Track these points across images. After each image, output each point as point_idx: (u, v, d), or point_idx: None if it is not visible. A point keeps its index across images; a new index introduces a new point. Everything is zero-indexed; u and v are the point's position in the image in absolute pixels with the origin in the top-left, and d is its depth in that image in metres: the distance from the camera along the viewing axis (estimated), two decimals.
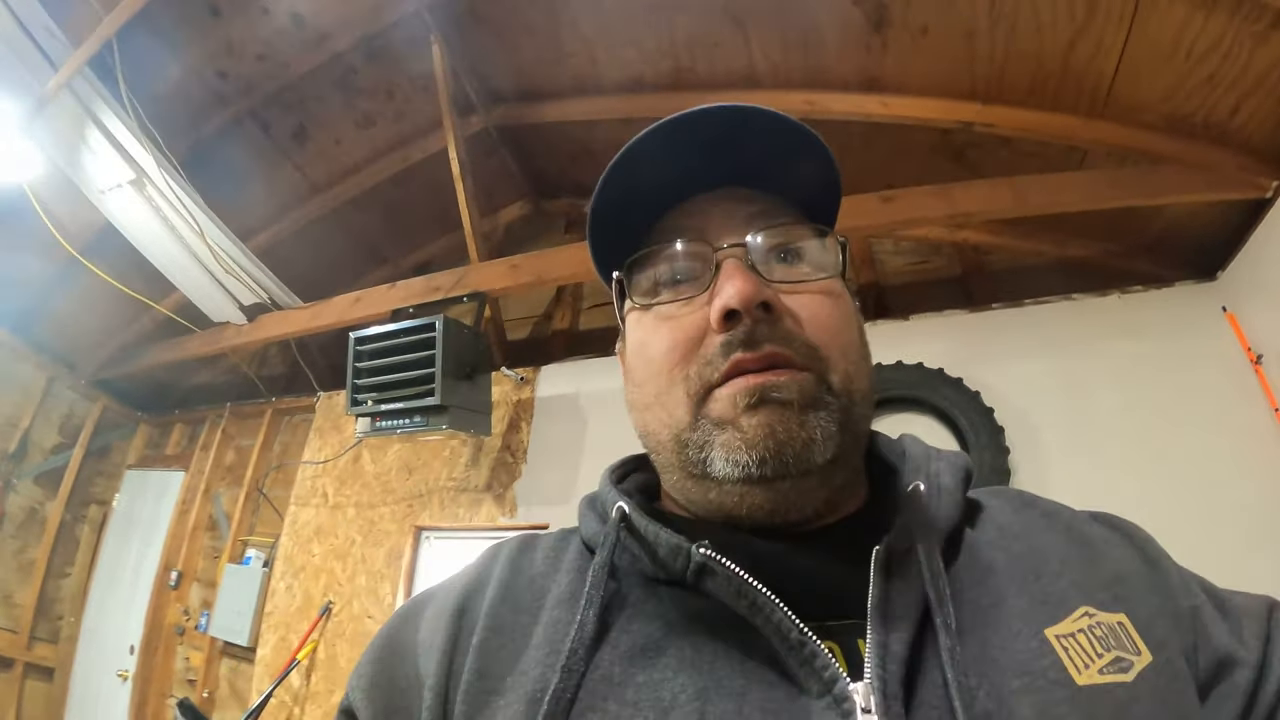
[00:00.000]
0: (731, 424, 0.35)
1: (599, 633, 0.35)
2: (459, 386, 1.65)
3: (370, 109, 2.26)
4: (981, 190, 1.59)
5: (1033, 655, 0.32)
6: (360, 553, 2.19)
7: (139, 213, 1.97)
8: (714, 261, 0.38)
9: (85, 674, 2.53)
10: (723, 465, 0.35)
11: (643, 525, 0.37)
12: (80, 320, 2.48)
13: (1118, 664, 0.32)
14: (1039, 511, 0.42)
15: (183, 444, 2.86)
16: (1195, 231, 1.76)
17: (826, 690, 0.30)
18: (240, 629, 2.25)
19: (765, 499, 0.36)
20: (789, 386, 0.35)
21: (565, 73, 2.08)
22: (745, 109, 0.39)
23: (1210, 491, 1.50)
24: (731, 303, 0.36)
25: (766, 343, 0.36)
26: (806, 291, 0.38)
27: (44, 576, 2.53)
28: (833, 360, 0.37)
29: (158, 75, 1.98)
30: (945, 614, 0.32)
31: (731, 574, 0.33)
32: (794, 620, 0.32)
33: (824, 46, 1.73)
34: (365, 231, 2.66)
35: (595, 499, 0.44)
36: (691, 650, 0.33)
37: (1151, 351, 1.67)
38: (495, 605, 0.38)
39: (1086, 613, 0.34)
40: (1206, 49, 1.41)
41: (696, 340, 0.38)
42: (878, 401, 1.66)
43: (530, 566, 0.41)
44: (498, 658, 0.36)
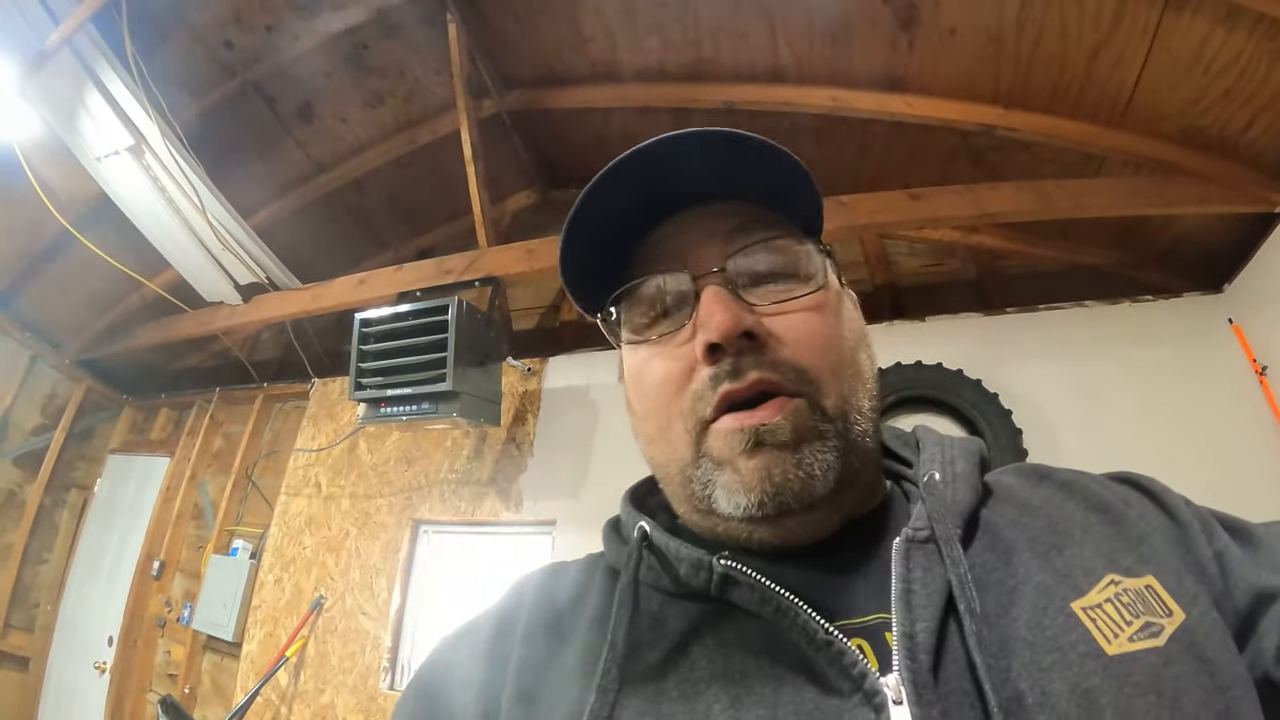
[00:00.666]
0: (729, 465, 0.35)
1: (634, 653, 0.35)
2: (471, 373, 1.60)
3: (380, 88, 2.20)
4: (1007, 192, 1.60)
5: (1061, 630, 0.32)
6: (355, 545, 2.12)
7: (135, 182, 1.88)
8: (694, 290, 0.38)
9: (61, 665, 2.42)
10: (725, 505, 0.36)
11: (663, 542, 0.38)
12: (67, 296, 2.38)
13: (1148, 629, 0.32)
14: (1056, 483, 0.42)
15: (169, 429, 2.76)
16: (1204, 244, 1.79)
17: (857, 687, 0.31)
18: (225, 623, 2.17)
19: (772, 534, 0.37)
20: (782, 427, 0.35)
21: (584, 58, 2.04)
22: (697, 133, 0.37)
23: (1213, 500, 1.52)
24: (712, 337, 0.35)
25: (752, 371, 0.35)
26: (792, 310, 0.38)
27: (21, 562, 2.42)
28: (824, 382, 0.36)
29: (161, 41, 1.90)
30: (969, 598, 0.32)
31: (755, 582, 0.34)
32: (819, 621, 0.32)
33: (851, 43, 1.72)
34: (367, 214, 2.60)
35: (617, 522, 0.44)
36: (721, 661, 0.34)
37: (1161, 360, 1.70)
38: (530, 633, 0.39)
39: (1112, 580, 0.34)
40: (1225, 64, 1.44)
41: (687, 373, 0.37)
42: (898, 401, 1.67)
43: (561, 593, 0.42)
44: (535, 683, 0.36)
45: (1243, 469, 1.55)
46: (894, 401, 1.64)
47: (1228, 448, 1.58)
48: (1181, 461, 1.57)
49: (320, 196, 2.44)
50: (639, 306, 0.40)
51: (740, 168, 0.39)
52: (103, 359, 2.60)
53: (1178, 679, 0.31)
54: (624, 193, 0.39)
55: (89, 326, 2.50)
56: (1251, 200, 1.60)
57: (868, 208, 1.57)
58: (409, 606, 2.00)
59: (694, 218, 0.40)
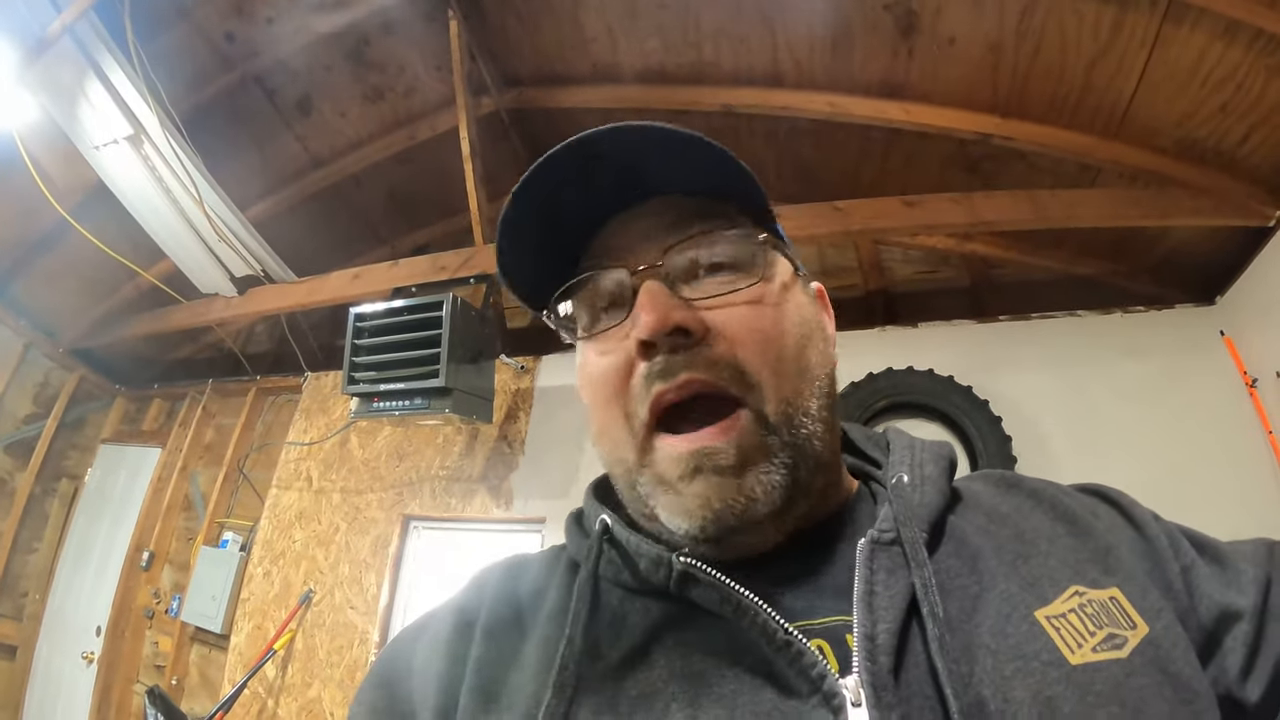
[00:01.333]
0: (670, 486, 0.35)
1: (589, 646, 0.35)
2: (464, 370, 1.61)
3: (379, 83, 2.20)
4: (1002, 200, 1.60)
5: (1024, 638, 0.32)
6: (344, 540, 2.12)
7: (133, 172, 1.88)
8: (631, 287, 0.37)
9: (49, 654, 2.41)
10: (668, 521, 0.35)
11: (624, 537, 0.37)
12: (62, 285, 2.37)
13: (1111, 641, 0.32)
14: (1024, 492, 0.42)
15: (161, 420, 2.75)
16: (1197, 256, 1.80)
17: (816, 688, 0.30)
18: (213, 615, 2.16)
19: (716, 552, 0.36)
20: (724, 452, 0.34)
21: (584, 58, 2.04)
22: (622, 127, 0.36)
23: (1203, 510, 1.51)
24: (642, 335, 0.35)
25: (683, 371, 0.35)
26: (730, 304, 0.37)
27: (10, 551, 2.40)
28: (764, 383, 0.35)
29: (162, 31, 1.89)
30: (932, 602, 0.32)
31: (714, 580, 0.33)
32: (779, 621, 0.32)
33: (851, 49, 1.72)
34: (364, 210, 2.59)
35: (580, 515, 0.44)
36: (680, 660, 0.33)
37: (1152, 370, 1.71)
38: (490, 625, 0.38)
39: (1076, 592, 0.34)
40: (1223, 78, 1.44)
41: (628, 369, 0.37)
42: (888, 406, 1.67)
43: (522, 586, 0.41)
44: (494, 677, 0.36)
45: (1232, 480, 1.56)
46: (884, 406, 1.65)
47: (1217, 459, 1.59)
48: (1171, 472, 1.58)
49: (318, 190, 2.43)
50: (583, 303, 0.40)
51: (673, 162, 0.38)
52: (96, 348, 2.60)
53: (1140, 691, 0.31)
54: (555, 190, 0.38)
55: (84, 315, 2.49)
56: (1246, 214, 1.61)
57: (863, 213, 1.57)
58: (397, 602, 2.00)
59: (637, 214, 0.39)
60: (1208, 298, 1.79)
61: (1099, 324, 1.81)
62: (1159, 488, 1.53)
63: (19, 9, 1.53)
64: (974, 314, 1.90)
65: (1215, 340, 1.73)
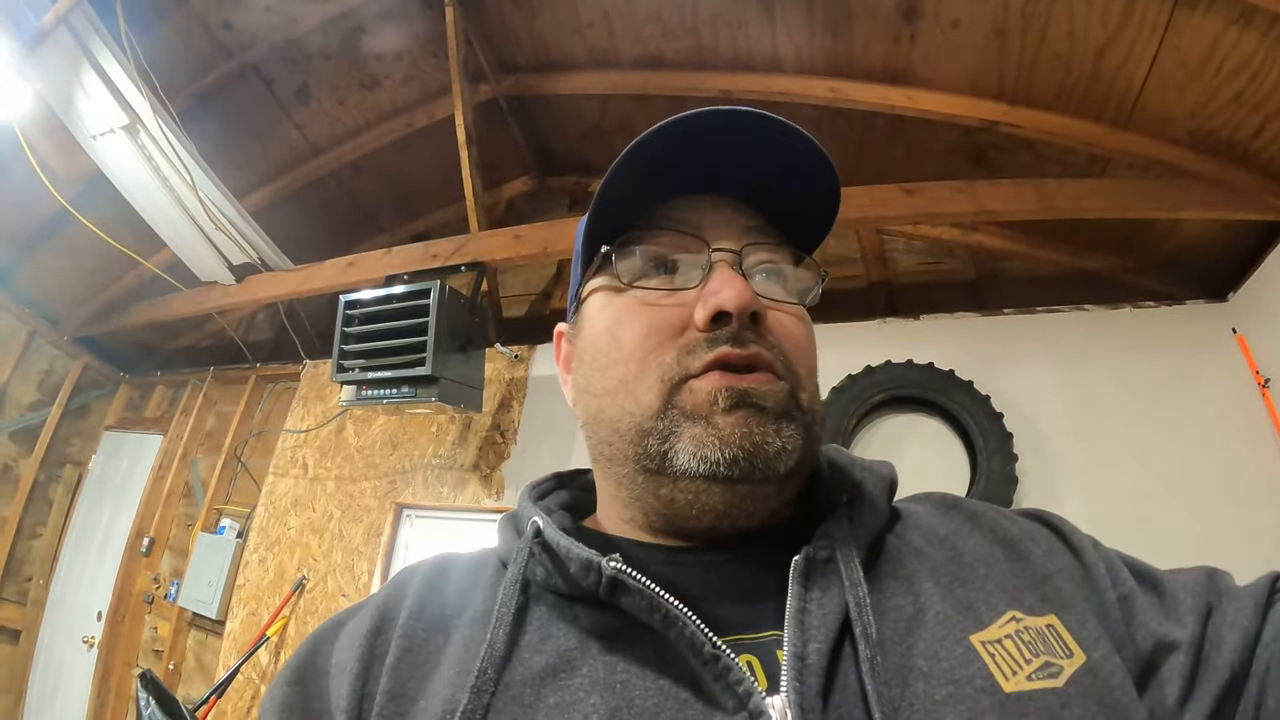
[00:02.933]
0: (705, 419, 0.35)
1: (511, 651, 0.34)
2: (451, 358, 1.59)
3: (377, 70, 2.19)
4: (1006, 190, 1.55)
5: (958, 663, 0.31)
6: (338, 528, 2.12)
7: (131, 161, 1.88)
8: (709, 261, 0.38)
9: (51, 638, 2.45)
10: (687, 459, 0.34)
11: (556, 540, 0.36)
12: (65, 273, 2.39)
13: (1047, 669, 0.32)
14: (963, 514, 0.42)
15: (163, 407, 2.77)
16: (1209, 251, 1.74)
17: (741, 705, 0.29)
18: (210, 600, 2.18)
19: (721, 500, 0.35)
20: (768, 394, 0.35)
21: (582, 44, 2.01)
22: (783, 124, 0.38)
23: (1212, 514, 1.49)
24: (727, 305, 0.35)
25: (753, 344, 0.36)
26: (785, 311, 0.39)
27: (14, 536, 2.44)
28: (803, 379, 0.38)
29: (161, 20, 1.90)
30: (865, 623, 0.32)
31: (643, 588, 0.32)
32: (707, 634, 0.31)
33: (852, 34, 1.68)
34: (363, 197, 2.59)
35: (514, 516, 0.43)
36: (604, 669, 0.32)
37: (1160, 368, 1.65)
38: (410, 625, 0.37)
39: (1013, 617, 0.34)
40: (1237, 66, 1.39)
41: (677, 330, 0.37)
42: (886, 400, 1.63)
43: (447, 585, 0.41)
44: (411, 678, 0.35)
45: (1240, 483, 1.50)
46: (881, 400, 1.61)
47: (1226, 460, 1.54)
48: (1176, 473, 1.54)
49: (317, 178, 2.43)
50: (644, 256, 0.39)
51: (789, 178, 0.40)
52: (100, 336, 2.62)
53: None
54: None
55: (87, 303, 2.51)
56: (1260, 208, 1.55)
57: (860, 201, 1.53)
58: None
59: (716, 202, 0.41)
60: (1220, 294, 1.73)
61: (1107, 319, 1.76)
62: (1164, 488, 1.51)
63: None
64: (978, 307, 1.85)
65: (1227, 338, 1.67)
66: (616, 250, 0.40)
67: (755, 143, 0.38)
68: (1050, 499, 1.55)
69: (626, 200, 0.40)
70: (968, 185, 1.54)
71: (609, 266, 0.40)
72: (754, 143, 0.38)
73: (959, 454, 1.60)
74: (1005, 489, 1.48)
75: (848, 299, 1.99)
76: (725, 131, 0.38)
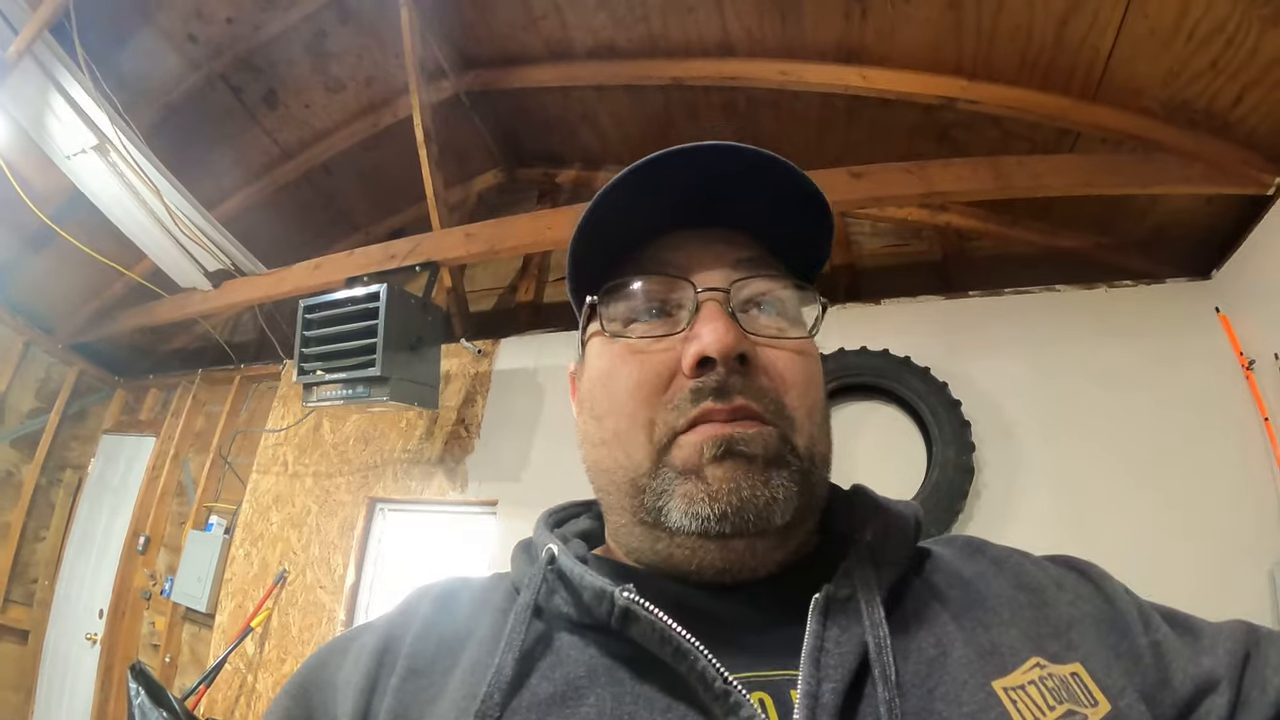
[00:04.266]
0: (695, 474, 0.34)
1: (520, 678, 0.33)
2: (402, 357, 1.61)
3: (340, 73, 2.20)
4: (961, 169, 1.49)
5: (979, 708, 0.30)
6: (315, 522, 2.17)
7: (104, 178, 1.94)
8: (694, 303, 0.37)
9: (57, 637, 2.55)
10: (680, 517, 0.34)
11: (570, 568, 0.36)
12: (56, 284, 2.48)
13: (1070, 717, 0.31)
14: (988, 559, 0.41)
15: (156, 409, 2.86)
16: (1192, 227, 1.66)
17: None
18: (200, 595, 2.25)
19: (719, 556, 0.35)
20: (755, 441, 0.34)
21: (536, 38, 2.00)
22: (762, 156, 0.37)
23: (1194, 501, 1.43)
24: (710, 350, 0.35)
25: (738, 396, 0.35)
26: (781, 347, 0.38)
27: (19, 540, 2.55)
28: (799, 421, 0.36)
29: (128, 39, 1.94)
30: (884, 664, 0.31)
31: (655, 619, 0.32)
32: (718, 668, 0.31)
33: (801, 13, 1.63)
34: (337, 197, 2.62)
35: (530, 543, 0.43)
36: (612, 700, 0.32)
37: (1137, 350, 1.58)
38: (417, 645, 0.37)
39: (1038, 664, 0.33)
40: (1210, 31, 1.31)
41: (665, 380, 0.37)
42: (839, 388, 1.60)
43: (457, 608, 0.40)
44: (416, 700, 0.34)
45: (1224, 471, 1.43)
46: (833, 389, 1.57)
47: (1208, 447, 1.47)
48: (1155, 461, 1.47)
49: (291, 181, 2.47)
50: (629, 302, 0.39)
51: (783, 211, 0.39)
52: (94, 342, 2.71)
53: None
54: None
55: (79, 311, 2.60)
56: (1242, 181, 1.47)
57: None
58: (363, 582, 2.04)
59: (704, 237, 0.40)
60: (1203, 272, 1.65)
61: (1079, 300, 1.68)
62: (1140, 478, 1.44)
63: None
64: (943, 290, 1.79)
65: (1210, 318, 1.59)
66: (601, 300, 0.39)
67: (739, 175, 0.38)
68: (1011, 490, 1.50)
69: (609, 244, 0.40)
70: (918, 166, 1.48)
71: (598, 314, 0.40)
72: (738, 175, 0.38)
73: (915, 443, 1.55)
74: (961, 480, 1.43)
75: None
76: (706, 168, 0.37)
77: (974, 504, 1.50)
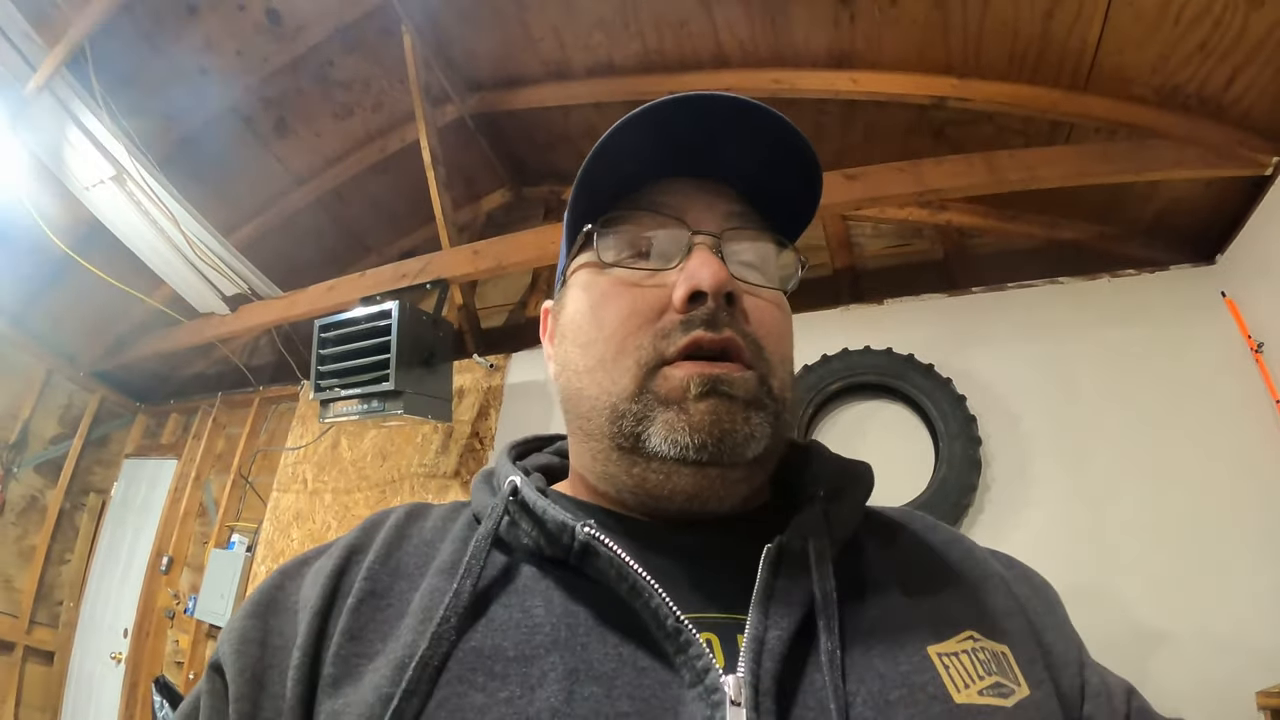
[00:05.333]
0: (678, 405, 0.35)
1: (478, 606, 0.34)
2: (415, 373, 1.65)
3: (348, 100, 2.28)
4: (954, 166, 1.51)
5: (914, 669, 0.32)
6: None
7: (122, 208, 2.01)
8: (688, 243, 0.39)
9: (83, 657, 2.60)
10: (660, 443, 0.35)
11: (532, 500, 0.37)
12: (77, 312, 2.55)
13: (998, 689, 0.32)
14: (942, 537, 0.43)
15: (177, 433, 2.93)
16: (1193, 213, 1.66)
17: (698, 680, 0.30)
18: (223, 612, 2.29)
19: (691, 483, 0.36)
20: (739, 383, 0.36)
21: (535, 59, 2.06)
22: (761, 108, 0.38)
23: (1205, 487, 1.42)
24: (703, 285, 0.36)
25: (727, 328, 0.36)
26: (762, 297, 0.40)
27: (44, 563, 2.61)
28: (774, 366, 0.38)
29: (141, 73, 2.02)
30: (829, 616, 0.32)
31: (613, 555, 0.33)
32: (671, 607, 0.32)
33: (790, 22, 1.67)
34: (350, 221, 2.69)
35: (490, 473, 0.43)
36: (567, 630, 0.33)
37: (1143, 338, 1.58)
38: (375, 569, 0.37)
39: (971, 636, 0.35)
40: (1196, 14, 1.32)
41: (655, 312, 0.38)
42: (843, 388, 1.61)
43: (417, 534, 0.41)
44: (372, 621, 0.35)
45: (1236, 456, 1.42)
46: (838, 389, 1.58)
47: (1219, 433, 1.45)
48: (1165, 449, 1.46)
49: (304, 206, 2.54)
50: (625, 237, 0.40)
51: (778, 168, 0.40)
52: (115, 369, 2.79)
53: None
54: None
55: (99, 339, 2.68)
56: (1239, 163, 1.47)
57: None
58: None
59: (699, 185, 0.41)
60: (1207, 256, 1.65)
61: (1083, 291, 1.69)
62: (1150, 466, 1.44)
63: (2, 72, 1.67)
64: (947, 287, 1.80)
65: (1216, 302, 1.58)
66: (599, 230, 0.41)
67: (737, 129, 0.39)
68: (1021, 482, 1.50)
69: (610, 182, 0.41)
70: (911, 165, 1.50)
71: (592, 245, 0.41)
72: (736, 129, 0.39)
73: (923, 440, 1.56)
74: (969, 473, 1.44)
75: (813, 288, 1.96)
76: (707, 117, 0.38)
77: (983, 496, 1.50)
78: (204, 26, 2.00)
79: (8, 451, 2.55)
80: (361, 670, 0.33)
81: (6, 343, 2.48)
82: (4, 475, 2.55)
